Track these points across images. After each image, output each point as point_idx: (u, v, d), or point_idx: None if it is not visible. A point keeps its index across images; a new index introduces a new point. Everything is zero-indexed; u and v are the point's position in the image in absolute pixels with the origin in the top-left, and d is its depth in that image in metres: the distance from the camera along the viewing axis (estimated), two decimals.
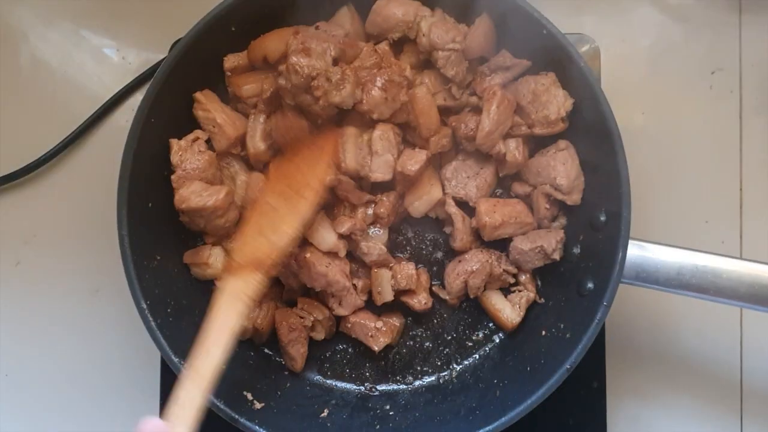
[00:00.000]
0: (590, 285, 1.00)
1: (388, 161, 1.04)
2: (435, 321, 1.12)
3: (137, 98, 1.19)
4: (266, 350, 1.11)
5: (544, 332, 1.05)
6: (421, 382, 1.11)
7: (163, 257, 1.03)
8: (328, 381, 1.11)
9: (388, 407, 1.08)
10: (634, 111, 1.18)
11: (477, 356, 1.10)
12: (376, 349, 1.07)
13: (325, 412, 1.06)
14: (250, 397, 1.02)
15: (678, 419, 1.15)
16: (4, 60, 1.21)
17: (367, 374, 1.11)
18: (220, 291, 0.93)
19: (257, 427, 0.97)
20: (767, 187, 1.17)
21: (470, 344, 1.12)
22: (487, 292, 1.09)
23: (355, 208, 1.07)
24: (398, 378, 1.11)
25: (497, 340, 1.11)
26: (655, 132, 1.18)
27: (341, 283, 1.05)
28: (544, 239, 1.04)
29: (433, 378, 1.11)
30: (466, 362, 1.10)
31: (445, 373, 1.10)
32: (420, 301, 1.08)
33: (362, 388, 1.11)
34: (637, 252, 0.95)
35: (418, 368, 1.11)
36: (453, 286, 1.07)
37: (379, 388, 1.11)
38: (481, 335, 1.12)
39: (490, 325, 1.12)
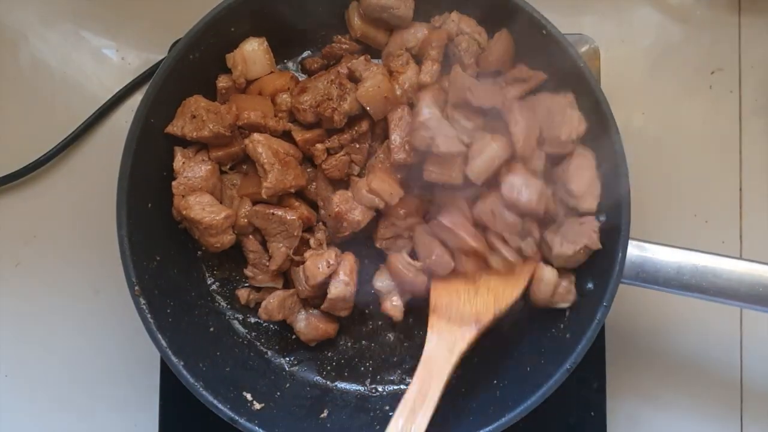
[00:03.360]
0: (590, 285, 1.00)
1: None
2: None
3: (137, 99, 1.19)
4: (265, 352, 1.11)
5: (543, 332, 1.05)
6: None
7: (163, 258, 1.03)
8: (327, 381, 1.11)
9: (387, 408, 1.08)
10: (633, 111, 1.18)
11: (476, 357, 1.10)
12: (395, 319, 1.05)
13: (325, 413, 1.06)
14: (249, 397, 1.02)
15: (678, 419, 1.15)
16: (4, 61, 1.21)
17: (367, 374, 1.11)
18: (441, 339, 0.98)
19: (257, 428, 0.97)
20: (767, 187, 1.17)
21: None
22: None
23: None
24: (398, 378, 1.11)
25: (497, 341, 1.11)
26: (655, 132, 1.17)
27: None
28: (582, 236, 0.99)
29: None
30: (465, 363, 1.10)
31: None
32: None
33: (362, 388, 1.11)
34: (636, 252, 0.95)
35: None
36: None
37: (378, 388, 1.11)
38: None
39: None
